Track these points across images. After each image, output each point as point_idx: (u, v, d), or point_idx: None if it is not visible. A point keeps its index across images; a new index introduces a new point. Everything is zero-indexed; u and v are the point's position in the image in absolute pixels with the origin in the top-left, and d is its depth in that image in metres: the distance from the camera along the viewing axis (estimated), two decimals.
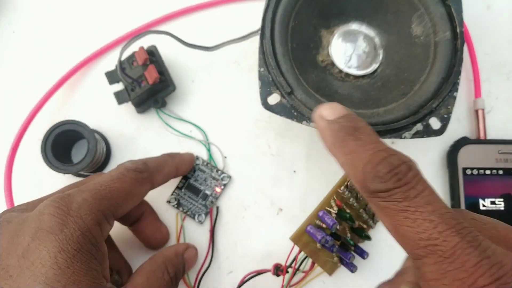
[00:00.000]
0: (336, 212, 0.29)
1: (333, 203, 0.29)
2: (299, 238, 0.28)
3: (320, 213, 0.28)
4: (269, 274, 0.32)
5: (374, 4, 0.35)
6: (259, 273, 0.32)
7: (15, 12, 0.41)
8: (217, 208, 0.37)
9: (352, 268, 0.29)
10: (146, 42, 0.36)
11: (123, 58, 0.36)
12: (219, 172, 0.37)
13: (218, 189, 0.37)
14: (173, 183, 0.37)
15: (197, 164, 0.37)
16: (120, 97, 0.37)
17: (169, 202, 0.37)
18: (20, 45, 0.40)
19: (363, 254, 0.30)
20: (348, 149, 0.22)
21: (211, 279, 0.36)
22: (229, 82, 0.39)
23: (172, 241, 0.36)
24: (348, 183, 0.29)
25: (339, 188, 0.29)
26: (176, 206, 0.37)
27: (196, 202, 0.37)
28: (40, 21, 0.41)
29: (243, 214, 0.37)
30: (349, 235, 0.30)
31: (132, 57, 0.37)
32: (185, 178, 0.37)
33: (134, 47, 0.35)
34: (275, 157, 0.38)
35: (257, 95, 0.32)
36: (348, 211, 0.29)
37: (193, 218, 0.36)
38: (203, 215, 0.36)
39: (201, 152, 0.38)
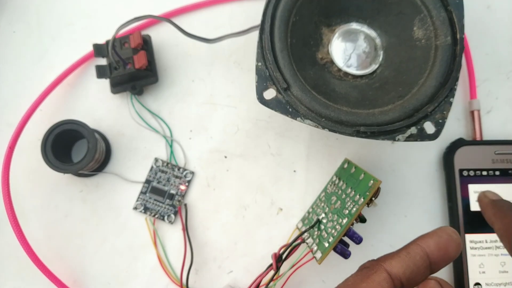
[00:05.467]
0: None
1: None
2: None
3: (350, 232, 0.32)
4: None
5: (376, 5, 0.37)
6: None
7: (15, 12, 0.42)
8: (185, 205, 0.39)
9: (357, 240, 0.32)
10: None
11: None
12: (181, 169, 0.39)
13: (183, 187, 0.39)
14: (137, 189, 0.39)
15: (157, 166, 0.39)
16: (100, 72, 0.38)
17: (135, 208, 0.39)
18: (20, 45, 0.42)
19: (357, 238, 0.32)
20: (508, 219, 0.32)
21: (211, 278, 0.38)
22: (229, 81, 0.41)
23: (149, 246, 0.38)
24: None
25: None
26: (143, 211, 0.39)
27: (163, 204, 0.39)
28: (39, 21, 0.42)
29: (243, 214, 0.39)
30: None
31: (125, 39, 0.39)
32: (148, 182, 0.39)
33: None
34: (275, 157, 0.40)
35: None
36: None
37: (163, 219, 0.39)
38: (172, 215, 0.39)
39: (159, 151, 0.40)
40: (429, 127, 0.32)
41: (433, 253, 0.27)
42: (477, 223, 0.37)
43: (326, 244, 0.32)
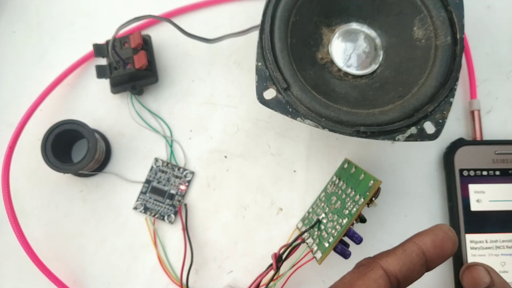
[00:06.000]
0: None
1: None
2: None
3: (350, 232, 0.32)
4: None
5: (376, 5, 0.37)
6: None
7: (15, 12, 0.42)
8: (185, 205, 0.39)
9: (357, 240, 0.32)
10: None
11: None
12: (181, 169, 0.39)
13: (183, 187, 0.39)
14: (137, 189, 0.39)
15: (157, 166, 0.39)
16: (100, 72, 0.38)
17: (135, 208, 0.39)
18: (20, 45, 0.42)
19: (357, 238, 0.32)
20: None
21: (211, 278, 0.38)
22: (229, 81, 0.41)
23: (149, 246, 0.38)
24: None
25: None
26: (143, 211, 0.39)
27: (163, 204, 0.39)
28: (39, 21, 0.42)
29: (243, 214, 0.39)
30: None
31: (125, 39, 0.39)
32: (148, 181, 0.39)
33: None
34: (275, 157, 0.40)
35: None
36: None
37: (163, 219, 0.39)
38: (172, 215, 0.39)
39: (159, 151, 0.40)
40: (429, 127, 0.32)
41: (429, 250, 0.27)
42: (477, 223, 0.37)
43: (326, 244, 0.32)
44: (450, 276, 0.38)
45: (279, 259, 0.33)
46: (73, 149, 0.40)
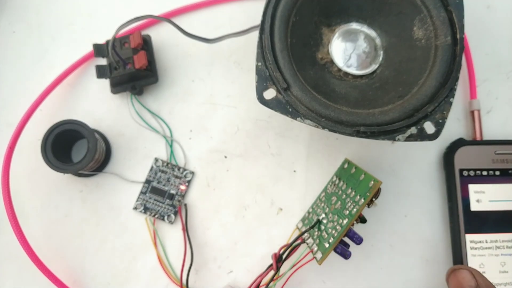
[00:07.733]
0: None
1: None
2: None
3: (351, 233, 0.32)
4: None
5: (376, 4, 0.37)
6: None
7: (15, 12, 0.42)
8: (185, 205, 0.39)
9: (357, 241, 0.32)
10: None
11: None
12: (181, 169, 0.39)
13: (183, 187, 0.39)
14: (137, 189, 0.39)
15: (157, 166, 0.39)
16: (101, 72, 0.38)
17: (135, 208, 0.39)
18: (20, 45, 0.42)
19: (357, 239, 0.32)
20: None
21: (211, 278, 0.38)
22: (229, 81, 0.41)
23: (149, 246, 0.38)
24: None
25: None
26: (143, 211, 0.39)
27: (163, 204, 0.39)
28: (39, 21, 0.42)
29: (243, 214, 0.39)
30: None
31: (125, 39, 0.39)
32: (148, 181, 0.39)
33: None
34: (275, 157, 0.40)
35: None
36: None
37: (163, 219, 0.39)
38: (172, 215, 0.39)
39: (159, 151, 0.40)
40: (429, 127, 0.32)
41: None
42: (477, 223, 0.37)
43: (327, 245, 0.32)
44: None
45: (279, 259, 0.33)
46: (73, 149, 0.40)
